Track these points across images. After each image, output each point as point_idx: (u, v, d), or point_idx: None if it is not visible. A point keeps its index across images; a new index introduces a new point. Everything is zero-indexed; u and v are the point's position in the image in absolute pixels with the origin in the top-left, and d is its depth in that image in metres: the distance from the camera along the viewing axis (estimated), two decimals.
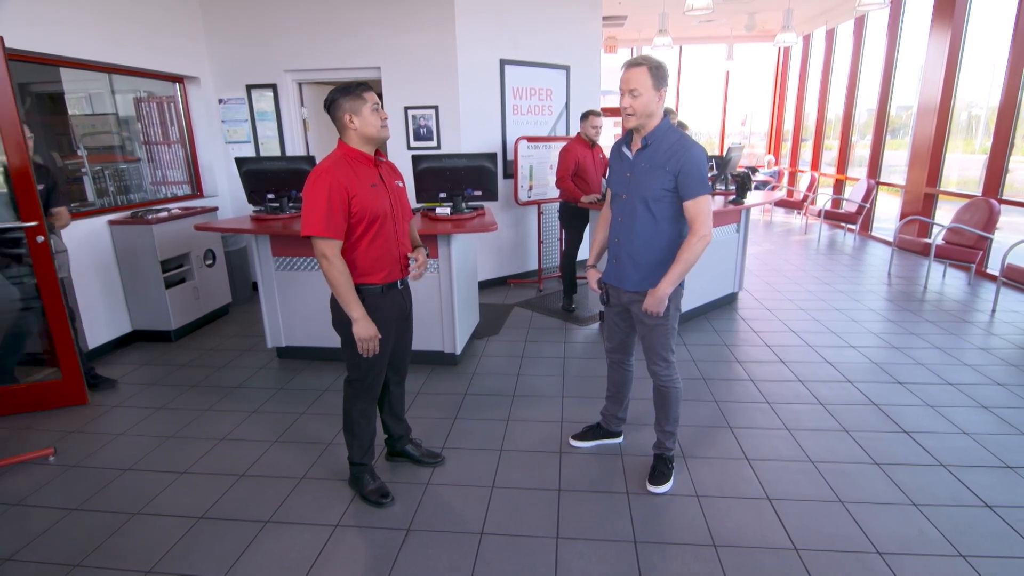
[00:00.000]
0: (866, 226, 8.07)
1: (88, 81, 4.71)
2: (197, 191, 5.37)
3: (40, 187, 2.71)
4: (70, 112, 4.95)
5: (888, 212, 8.22)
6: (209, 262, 4.78)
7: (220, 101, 5.39)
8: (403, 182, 2.31)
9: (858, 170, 8.86)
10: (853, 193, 8.20)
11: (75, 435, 2.99)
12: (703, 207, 2.12)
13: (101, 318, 4.00)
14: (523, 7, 5.35)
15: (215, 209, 5.11)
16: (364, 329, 2.10)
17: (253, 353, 4.08)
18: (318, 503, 2.38)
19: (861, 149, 8.91)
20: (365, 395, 2.30)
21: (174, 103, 5.17)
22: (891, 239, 6.81)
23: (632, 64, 2.10)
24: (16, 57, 3.60)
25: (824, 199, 9.13)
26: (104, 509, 2.37)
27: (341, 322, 2.18)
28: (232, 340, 4.32)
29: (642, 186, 2.19)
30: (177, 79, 5.09)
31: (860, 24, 8.48)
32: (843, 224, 8.35)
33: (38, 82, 4.69)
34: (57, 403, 3.28)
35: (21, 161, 2.96)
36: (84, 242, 3.88)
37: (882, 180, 7.92)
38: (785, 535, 2.12)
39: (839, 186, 9.22)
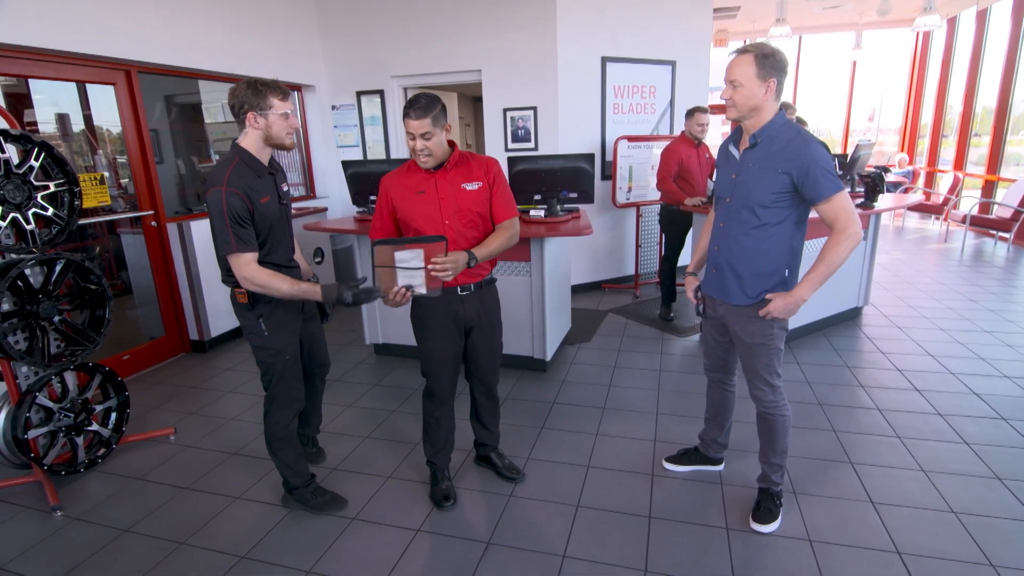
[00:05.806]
0: (1023, 235, 6.98)
1: (221, 92, 5.15)
2: (310, 192, 5.72)
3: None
4: (206, 120, 5.44)
5: None
6: (318, 259, 5.06)
7: (333, 107, 5.69)
8: (481, 182, 2.13)
9: (1014, 170, 7.68)
10: (1008, 196, 7.12)
11: (194, 416, 3.26)
12: (842, 203, 1.84)
13: (221, 309, 4.34)
14: (626, 1, 5.14)
15: (325, 210, 5.41)
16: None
17: (352, 348, 4.25)
18: (402, 504, 2.39)
19: (1017, 146, 7.72)
20: (433, 399, 2.31)
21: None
22: None
23: (737, 51, 1.90)
24: (162, 71, 4.05)
25: (970, 203, 8.01)
26: (210, 491, 2.53)
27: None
28: (334, 335, 4.53)
29: (749, 190, 1.96)
30: (296, 88, 5.44)
31: (1021, 1, 7.34)
32: (993, 232, 7.28)
33: (181, 94, 5.20)
34: (166, 356, 4.20)
35: (145, 168, 3.95)
36: (208, 240, 4.25)
37: None
38: None
39: (989, 188, 8.05)
